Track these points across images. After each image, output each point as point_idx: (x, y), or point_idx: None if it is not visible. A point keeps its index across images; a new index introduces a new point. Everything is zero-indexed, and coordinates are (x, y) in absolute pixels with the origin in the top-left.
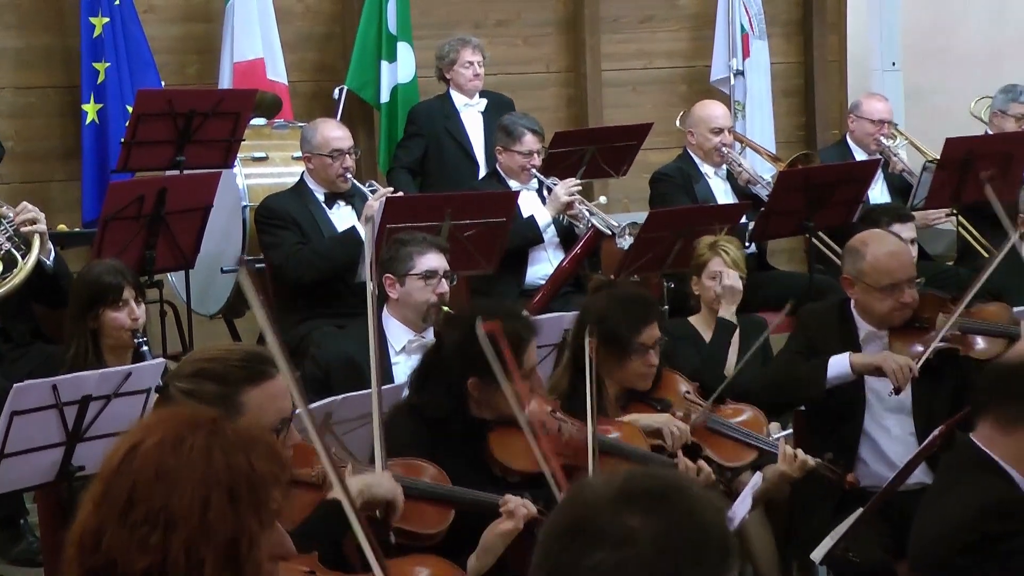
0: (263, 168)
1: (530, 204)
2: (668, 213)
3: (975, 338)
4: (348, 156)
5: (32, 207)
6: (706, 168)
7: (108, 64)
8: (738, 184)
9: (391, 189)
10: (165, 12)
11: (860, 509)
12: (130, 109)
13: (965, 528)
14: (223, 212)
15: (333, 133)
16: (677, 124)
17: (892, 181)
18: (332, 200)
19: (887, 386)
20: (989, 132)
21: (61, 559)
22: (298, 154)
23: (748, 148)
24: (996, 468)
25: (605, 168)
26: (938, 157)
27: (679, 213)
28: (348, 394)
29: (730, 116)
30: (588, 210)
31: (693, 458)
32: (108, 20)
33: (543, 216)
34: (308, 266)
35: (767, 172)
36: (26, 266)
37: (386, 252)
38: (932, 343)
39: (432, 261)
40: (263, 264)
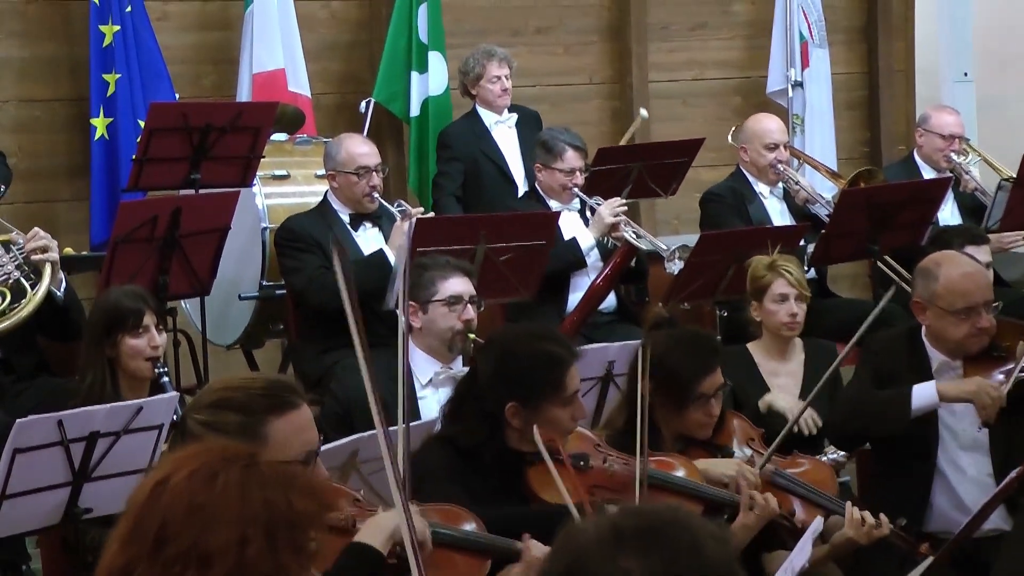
0: (284, 187)
1: (572, 226)
2: (720, 236)
3: None
4: (375, 174)
5: (44, 234)
6: (761, 187)
7: (119, 75)
8: (795, 204)
9: (421, 210)
10: (180, 20)
11: (930, 558)
12: (142, 124)
13: None
14: (241, 234)
15: (359, 149)
16: (730, 139)
17: (964, 201)
18: (358, 221)
19: (964, 420)
20: None
21: None
22: (321, 172)
23: (806, 165)
24: None
25: (652, 187)
26: (1014, 175)
27: (732, 236)
28: (374, 431)
29: (787, 131)
30: (635, 232)
31: None
32: (119, 28)
33: (586, 238)
34: (332, 292)
35: (827, 191)
36: (35, 297)
37: (409, 278)
38: (1014, 374)
39: (456, 285)
40: (283, 290)
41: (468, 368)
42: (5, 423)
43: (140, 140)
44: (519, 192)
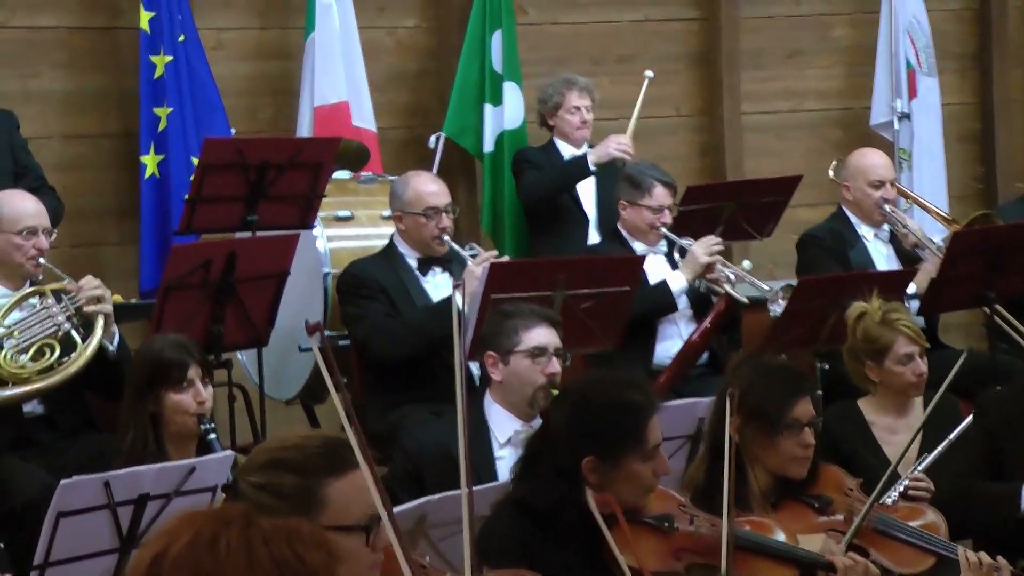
0: (348, 229)
1: (657, 270)
2: (821, 281)
3: None
4: (445, 215)
5: (98, 282)
6: (864, 229)
7: (171, 109)
8: (903, 248)
9: (495, 253)
10: (236, 49)
11: None
12: (195, 161)
13: None
14: (301, 280)
15: (427, 188)
16: (830, 176)
17: None
18: (426, 266)
19: None
20: None
21: None
22: (388, 212)
23: (915, 205)
24: None
25: (746, 228)
26: None
27: (833, 281)
28: (445, 493)
29: (893, 167)
30: (732, 273)
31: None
32: (171, 58)
33: (677, 281)
34: (398, 342)
35: (938, 234)
36: (86, 351)
37: (488, 326)
38: None
39: (541, 336)
40: (347, 340)
41: (540, 421)
42: (48, 484)
43: (193, 178)
44: (591, 229)
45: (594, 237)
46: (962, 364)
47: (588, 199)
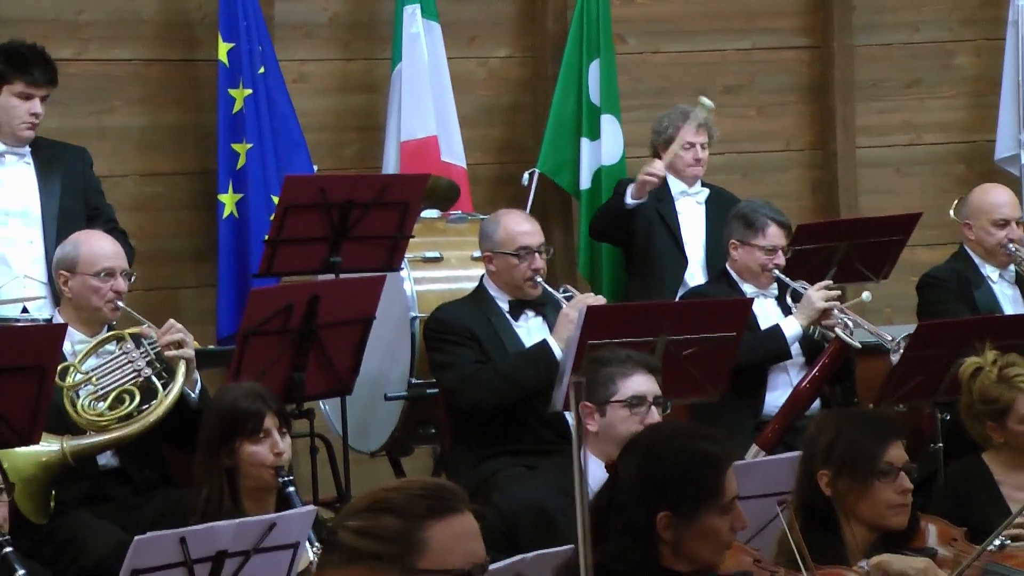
0: (436, 271)
1: (768, 314)
2: (943, 325)
3: None
4: (538, 255)
5: (180, 327)
6: (988, 269)
7: (250, 145)
8: None
9: (592, 296)
10: (318, 81)
11: None
12: (275, 200)
13: None
14: (387, 325)
15: (520, 227)
16: (951, 214)
17: None
18: (518, 310)
19: None
20: None
21: None
22: (478, 254)
23: None
24: None
25: (861, 269)
26: None
27: (956, 325)
28: (539, 552)
29: (1019, 204)
30: (850, 320)
31: None
32: (250, 92)
33: (791, 327)
34: (489, 390)
35: None
36: (167, 398)
37: (582, 374)
38: None
39: (639, 384)
40: (435, 389)
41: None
42: (121, 541)
43: (273, 218)
44: (690, 270)
45: (698, 277)
46: None
47: (693, 238)
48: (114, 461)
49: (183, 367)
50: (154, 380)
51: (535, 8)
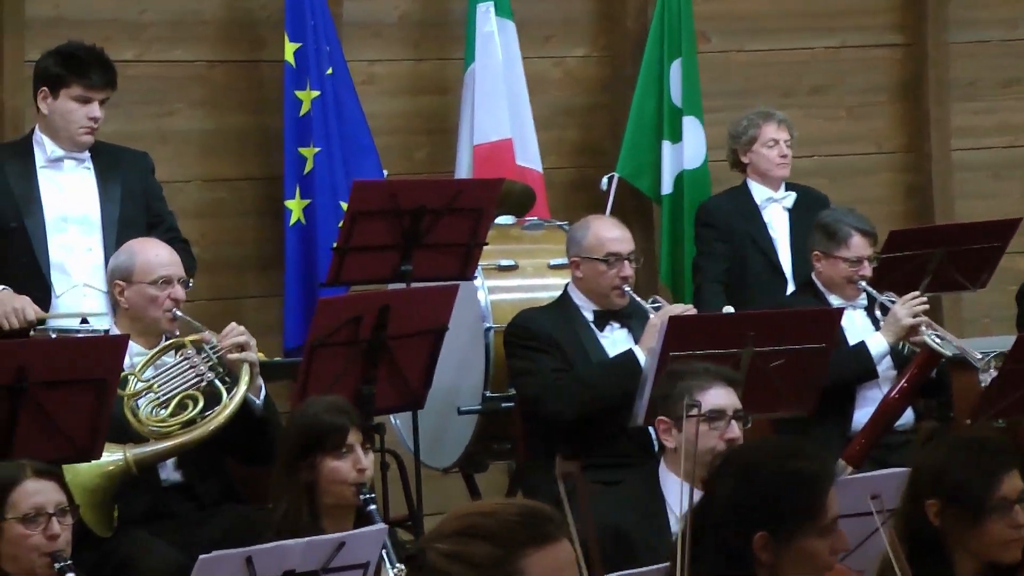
0: (511, 279)
1: (857, 327)
2: None
3: None
4: (627, 263)
5: (242, 329)
6: None
7: (317, 149)
8: None
9: (683, 306)
10: (388, 83)
11: None
12: (344, 206)
13: None
14: (461, 336)
15: (610, 233)
16: None
17: None
18: (603, 320)
19: None
20: None
21: None
22: (555, 261)
23: None
24: None
25: (957, 278)
26: None
27: None
28: (617, 574)
29: None
30: (938, 336)
31: None
32: (318, 94)
33: (877, 343)
34: (570, 399)
35: None
36: (232, 403)
37: (659, 388)
38: None
39: (718, 398)
40: (510, 403)
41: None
42: (179, 563)
43: (342, 225)
44: (790, 287)
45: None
46: None
47: (785, 256)
48: (177, 476)
49: (247, 371)
50: (217, 384)
51: (613, 6)
